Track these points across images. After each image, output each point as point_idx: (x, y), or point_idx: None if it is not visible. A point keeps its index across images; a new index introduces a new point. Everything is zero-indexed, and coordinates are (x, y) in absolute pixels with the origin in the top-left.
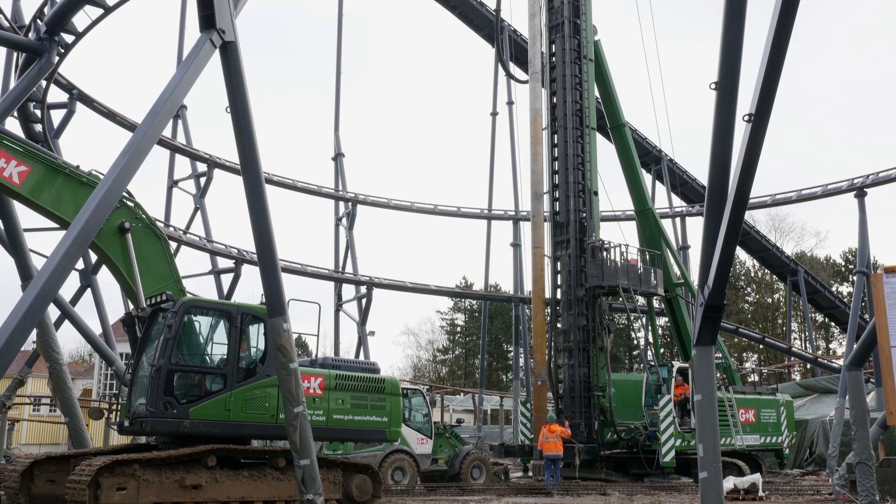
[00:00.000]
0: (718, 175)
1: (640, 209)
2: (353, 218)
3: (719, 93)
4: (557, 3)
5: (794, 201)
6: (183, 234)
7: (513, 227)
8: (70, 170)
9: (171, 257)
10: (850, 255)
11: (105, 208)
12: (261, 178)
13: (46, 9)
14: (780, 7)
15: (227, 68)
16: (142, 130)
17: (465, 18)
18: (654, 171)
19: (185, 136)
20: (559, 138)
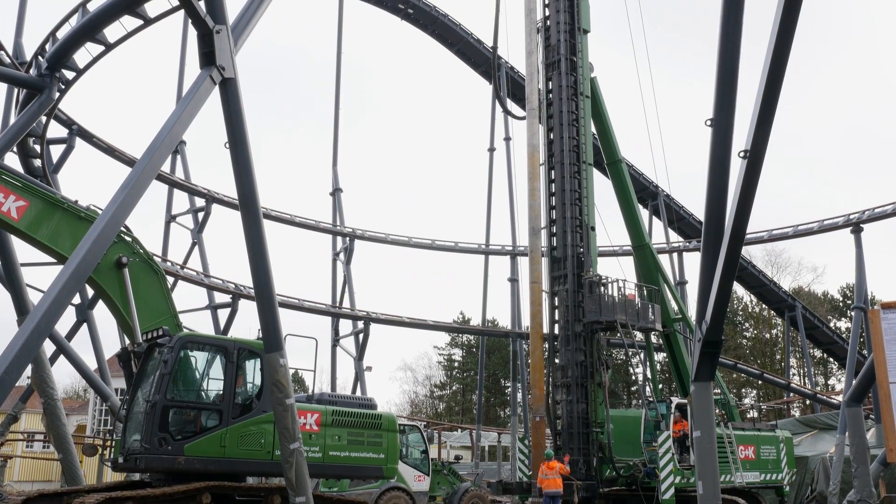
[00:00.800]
0: (715, 211)
1: (638, 244)
2: (351, 253)
3: (714, 129)
4: (554, 41)
5: (790, 237)
6: (180, 268)
7: (510, 262)
8: (68, 205)
9: (167, 292)
10: (847, 291)
11: (103, 243)
12: (259, 214)
13: (48, 45)
14: (775, 46)
15: (226, 104)
16: (141, 166)
17: (462, 56)
18: (651, 206)
19: (183, 172)
20: (556, 174)
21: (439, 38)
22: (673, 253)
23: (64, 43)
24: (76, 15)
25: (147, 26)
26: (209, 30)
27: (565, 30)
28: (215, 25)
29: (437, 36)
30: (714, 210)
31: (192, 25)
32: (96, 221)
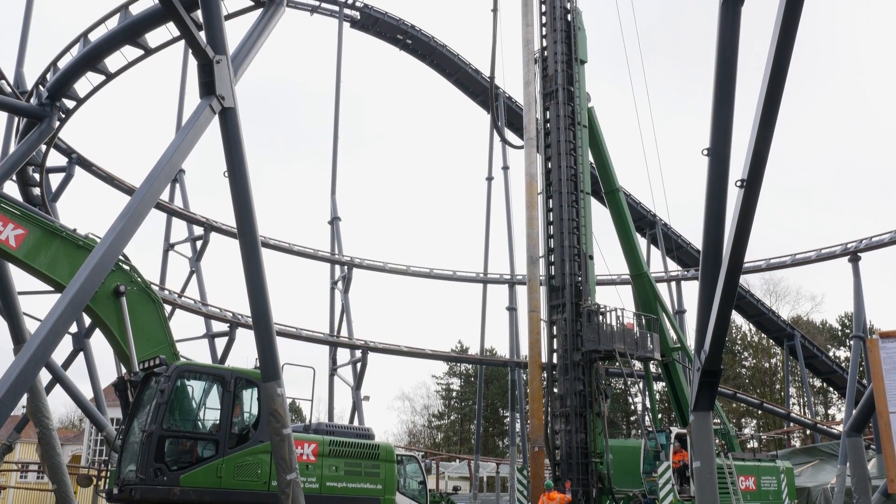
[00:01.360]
0: (712, 240)
1: (636, 273)
2: (349, 281)
3: (711, 159)
4: (551, 71)
5: (788, 265)
6: (178, 297)
7: (508, 290)
8: (67, 233)
9: (165, 321)
10: (846, 320)
11: (101, 271)
12: (257, 242)
13: (49, 75)
14: (770, 76)
15: (225, 133)
16: (140, 194)
17: (461, 85)
18: (649, 235)
19: (182, 200)
20: (554, 203)
21: (438, 67)
22: (671, 282)
23: (65, 72)
24: (77, 45)
25: (148, 56)
26: (209, 60)
27: (563, 60)
28: (215, 55)
29: (436, 66)
30: (712, 239)
31: (192, 55)
32: (94, 250)
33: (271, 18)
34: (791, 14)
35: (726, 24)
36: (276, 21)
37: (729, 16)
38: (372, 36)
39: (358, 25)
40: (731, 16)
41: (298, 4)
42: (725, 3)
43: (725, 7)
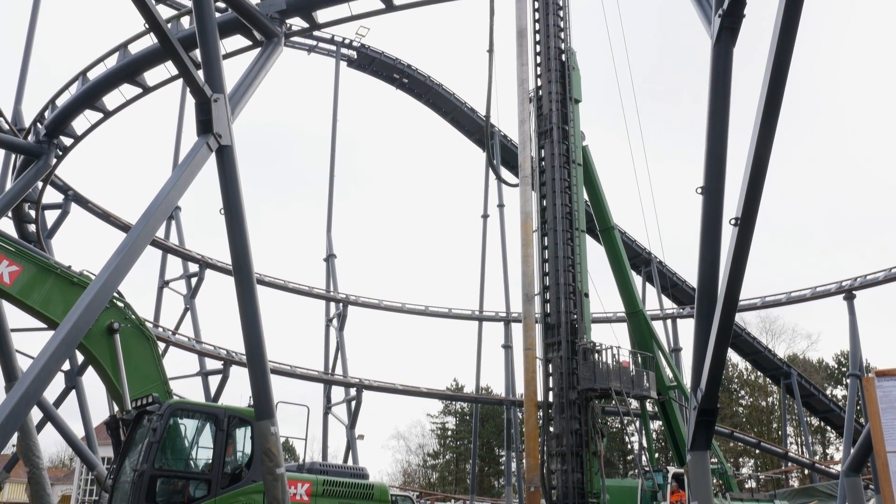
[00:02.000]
0: (707, 278)
1: (631, 311)
2: (344, 319)
3: (706, 197)
4: (546, 110)
5: (783, 303)
6: (172, 334)
7: (504, 328)
8: (61, 270)
9: (158, 358)
10: (842, 358)
11: (95, 309)
12: (252, 279)
13: (47, 112)
14: (763, 114)
15: (222, 171)
16: (135, 231)
17: (456, 124)
18: (644, 273)
19: (178, 237)
20: (549, 240)
21: (433, 106)
22: (667, 320)
23: (63, 110)
24: (76, 83)
25: (146, 94)
26: (207, 98)
27: (557, 99)
28: (213, 94)
29: (432, 105)
30: (707, 277)
31: (190, 94)
32: (89, 287)
33: (269, 57)
34: (782, 54)
35: (719, 64)
36: (274, 60)
37: (721, 56)
38: (368, 75)
39: (355, 65)
40: (723, 56)
41: (296, 44)
42: (717, 44)
43: (717, 48)
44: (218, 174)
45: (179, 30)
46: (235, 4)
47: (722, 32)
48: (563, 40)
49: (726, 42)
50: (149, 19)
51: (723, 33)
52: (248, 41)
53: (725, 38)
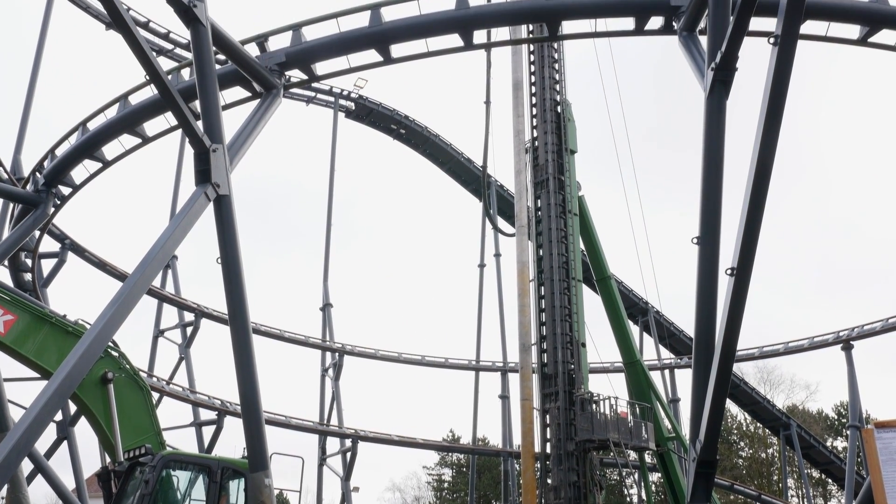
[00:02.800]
0: (704, 327)
1: (629, 361)
2: (340, 369)
3: (701, 247)
4: (542, 160)
5: (781, 353)
6: (166, 384)
7: (501, 378)
8: (56, 319)
9: (152, 409)
10: (842, 409)
11: (89, 358)
12: (248, 328)
13: (46, 162)
14: (756, 167)
15: (220, 220)
16: (132, 281)
17: (453, 174)
18: (642, 322)
19: (174, 286)
20: (546, 290)
21: (431, 157)
22: (665, 370)
23: (63, 159)
24: (76, 133)
25: (145, 144)
26: (206, 149)
27: (553, 150)
28: (212, 144)
29: (429, 155)
30: (704, 327)
31: (189, 144)
32: (84, 336)
33: (268, 108)
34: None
35: (712, 116)
36: (273, 111)
37: (715, 108)
38: (366, 126)
39: (353, 115)
40: (716, 108)
41: (295, 95)
42: (711, 97)
43: (711, 100)
44: (215, 224)
45: (180, 81)
46: (235, 57)
47: (715, 85)
48: (559, 92)
49: (719, 94)
50: (150, 71)
51: (716, 86)
52: (248, 93)
53: (718, 90)
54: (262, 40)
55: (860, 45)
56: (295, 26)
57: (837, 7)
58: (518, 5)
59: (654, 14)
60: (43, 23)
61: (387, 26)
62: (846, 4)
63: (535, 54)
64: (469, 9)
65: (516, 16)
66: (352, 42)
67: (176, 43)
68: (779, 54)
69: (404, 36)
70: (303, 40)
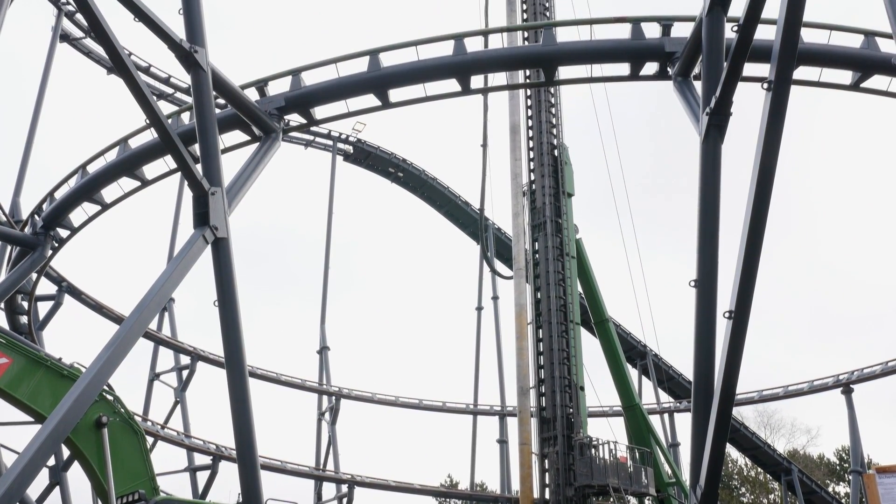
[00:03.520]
0: (703, 371)
1: (628, 405)
2: (337, 413)
3: (699, 290)
4: (539, 203)
5: (781, 397)
6: (161, 428)
7: (499, 422)
8: (51, 362)
9: (146, 453)
10: (843, 454)
11: (84, 402)
12: (244, 372)
13: (45, 205)
14: (752, 211)
15: (217, 263)
16: (128, 324)
17: (451, 217)
18: (640, 365)
19: (170, 329)
20: (544, 333)
21: (428, 199)
22: (664, 414)
23: (62, 202)
24: (76, 176)
25: (144, 187)
26: (204, 192)
27: (550, 193)
28: (211, 187)
29: (427, 198)
30: (702, 370)
31: (188, 187)
32: (79, 380)
33: (267, 152)
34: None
35: (707, 160)
36: (272, 154)
37: (710, 153)
38: (364, 169)
39: (351, 159)
40: (711, 153)
41: (293, 139)
42: (706, 142)
43: (706, 145)
44: (213, 266)
45: (179, 125)
46: (235, 101)
47: (710, 130)
48: (556, 136)
49: (714, 139)
50: (150, 115)
51: (711, 130)
52: (247, 136)
53: (713, 135)
54: (262, 85)
55: (853, 91)
56: (294, 71)
57: (830, 53)
58: (515, 51)
59: (649, 60)
60: (45, 67)
61: (385, 71)
62: (838, 50)
63: (532, 98)
64: (466, 54)
65: (513, 61)
66: (351, 87)
67: (176, 87)
68: (773, 99)
69: (402, 81)
70: (302, 85)
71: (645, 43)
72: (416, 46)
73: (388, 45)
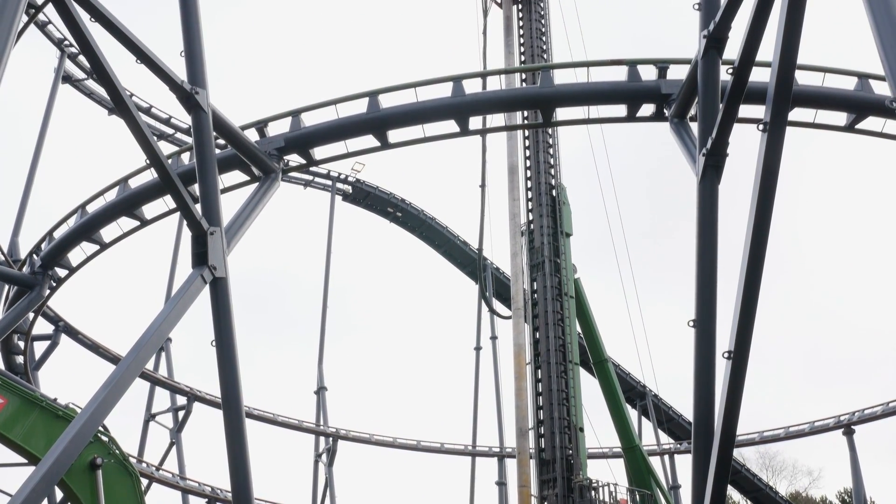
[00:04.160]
0: (703, 412)
1: (627, 446)
2: (334, 454)
3: (697, 330)
4: (538, 243)
5: (782, 438)
6: (156, 470)
7: (497, 464)
8: (46, 403)
9: (141, 496)
10: (846, 496)
11: (79, 444)
12: (241, 413)
13: (44, 244)
14: (750, 251)
15: (215, 303)
16: (125, 364)
17: (449, 256)
18: (640, 406)
19: (167, 369)
20: (543, 373)
21: (427, 239)
22: (664, 455)
23: (60, 242)
24: (75, 216)
25: (143, 227)
26: (203, 231)
27: (548, 233)
28: (210, 227)
29: (425, 238)
30: (702, 411)
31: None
32: (74, 421)
33: (266, 192)
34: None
35: (705, 200)
36: (272, 194)
37: (707, 193)
38: (363, 209)
39: (350, 199)
40: (708, 193)
41: (292, 178)
42: (703, 182)
43: (703, 185)
44: (211, 306)
45: (179, 164)
46: (235, 142)
47: (707, 170)
48: (554, 176)
49: (711, 179)
50: (150, 156)
51: (707, 171)
52: (246, 176)
53: (710, 175)
54: (262, 125)
55: (848, 132)
56: (294, 112)
57: (824, 95)
58: (513, 93)
59: (645, 101)
60: (47, 107)
61: (384, 112)
62: (833, 92)
63: (531, 139)
64: (465, 96)
65: (511, 103)
66: (350, 128)
67: (177, 128)
68: (768, 140)
69: (401, 122)
70: (302, 126)
71: (641, 85)
72: (415, 88)
73: (388, 86)
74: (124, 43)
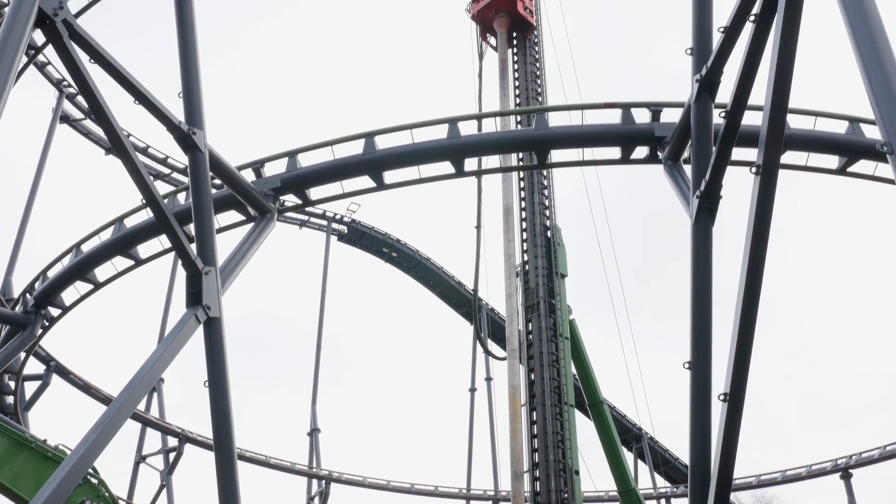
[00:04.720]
0: (700, 454)
1: (624, 490)
2: (327, 497)
3: (693, 372)
4: (533, 284)
5: (779, 482)
6: None
7: None
8: (36, 444)
9: None
10: None
11: (68, 486)
12: (233, 455)
13: (38, 283)
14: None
15: (209, 343)
16: (115, 405)
17: (444, 297)
18: (636, 449)
19: (158, 410)
20: (538, 415)
21: (422, 280)
22: (661, 499)
23: (54, 281)
24: (69, 255)
25: (137, 266)
26: (198, 271)
27: (544, 274)
28: (204, 267)
29: (420, 278)
30: (699, 454)
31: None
32: (63, 463)
33: (262, 232)
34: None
35: (699, 242)
36: (267, 234)
37: (701, 235)
38: (358, 249)
39: (345, 239)
40: (702, 235)
41: (288, 218)
42: (697, 224)
43: (697, 227)
44: (205, 346)
45: (175, 204)
46: (231, 182)
47: (700, 212)
48: (549, 217)
49: (705, 221)
50: (147, 195)
51: (701, 213)
52: (242, 216)
53: (704, 217)
54: (259, 166)
55: (839, 175)
56: (291, 153)
57: (816, 138)
58: (508, 135)
59: (639, 144)
60: (44, 146)
61: (380, 154)
62: (824, 136)
63: (526, 180)
64: (461, 138)
65: (506, 145)
66: (346, 168)
67: (173, 167)
68: (761, 183)
69: (397, 163)
70: (298, 166)
71: (635, 128)
72: (411, 129)
73: (384, 128)
74: (123, 84)
